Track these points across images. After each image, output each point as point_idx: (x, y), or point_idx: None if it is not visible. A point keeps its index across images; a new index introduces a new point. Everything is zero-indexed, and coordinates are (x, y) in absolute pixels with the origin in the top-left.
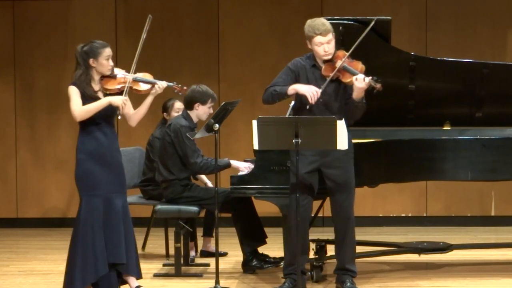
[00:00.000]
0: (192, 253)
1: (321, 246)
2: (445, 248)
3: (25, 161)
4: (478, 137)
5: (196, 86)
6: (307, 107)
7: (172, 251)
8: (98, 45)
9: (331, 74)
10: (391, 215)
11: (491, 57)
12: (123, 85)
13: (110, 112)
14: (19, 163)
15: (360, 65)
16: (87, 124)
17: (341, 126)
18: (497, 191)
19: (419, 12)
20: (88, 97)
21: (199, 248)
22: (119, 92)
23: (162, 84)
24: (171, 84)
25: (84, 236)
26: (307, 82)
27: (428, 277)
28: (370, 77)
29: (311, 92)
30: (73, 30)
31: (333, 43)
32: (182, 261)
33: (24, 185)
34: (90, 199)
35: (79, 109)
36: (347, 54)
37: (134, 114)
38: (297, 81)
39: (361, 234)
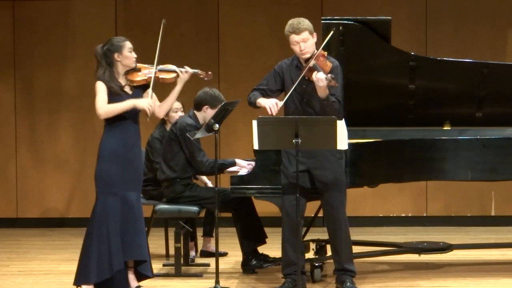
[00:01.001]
0: (192, 253)
1: (321, 246)
2: (445, 248)
3: (25, 161)
4: (478, 137)
5: (209, 89)
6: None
7: (172, 251)
8: (119, 39)
9: (302, 74)
10: (391, 215)
11: (491, 57)
12: (149, 76)
13: (136, 109)
14: (19, 163)
15: (328, 65)
16: (113, 121)
17: (341, 126)
18: (497, 191)
19: (419, 12)
20: (114, 93)
21: (199, 248)
22: (146, 84)
23: (188, 70)
24: (196, 70)
25: (99, 232)
26: (291, 82)
27: (428, 277)
28: (329, 75)
29: (270, 104)
30: (73, 30)
31: (310, 41)
32: (182, 261)
33: (24, 185)
34: (106, 197)
35: (104, 107)
36: (317, 51)
37: (162, 104)
38: (282, 82)
39: (361, 234)
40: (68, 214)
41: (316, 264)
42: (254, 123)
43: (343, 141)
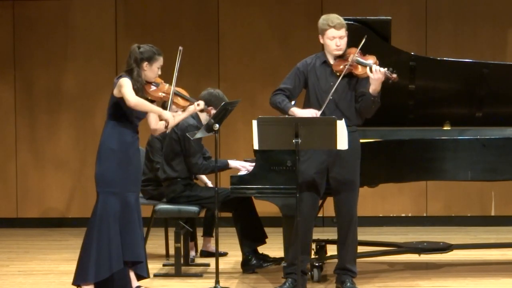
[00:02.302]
0: (192, 253)
1: (321, 246)
2: (445, 248)
3: (25, 161)
4: (478, 137)
5: (213, 90)
6: None
7: (172, 251)
8: (155, 51)
9: (344, 68)
10: (391, 215)
11: (491, 57)
12: (165, 94)
13: (143, 114)
14: (19, 163)
15: (374, 58)
16: (118, 121)
17: (341, 126)
18: (497, 191)
19: (419, 12)
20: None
21: (199, 248)
22: (160, 101)
23: (201, 104)
24: (206, 106)
25: (99, 231)
26: (317, 80)
27: (428, 277)
28: (386, 68)
29: (310, 115)
30: (73, 30)
31: (345, 40)
32: (182, 261)
33: (24, 185)
34: (107, 196)
35: (136, 97)
36: (358, 48)
37: (160, 124)
38: (305, 81)
39: (361, 234)
40: (68, 214)
41: (316, 264)
42: (254, 123)
43: (343, 141)
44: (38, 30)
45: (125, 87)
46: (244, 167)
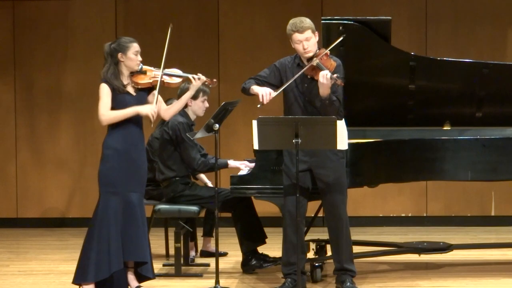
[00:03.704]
0: (192, 253)
1: (321, 246)
2: (445, 248)
3: (25, 161)
4: (478, 137)
5: (184, 84)
6: (258, 105)
7: (172, 251)
8: (126, 40)
9: (303, 70)
10: (391, 215)
11: (491, 57)
12: (154, 79)
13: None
14: (19, 163)
15: (331, 63)
16: (117, 122)
17: (341, 126)
18: (497, 191)
19: (419, 12)
20: (117, 91)
21: (199, 248)
22: (151, 87)
23: (201, 77)
24: (204, 78)
25: (100, 231)
26: (293, 81)
27: (428, 277)
28: (335, 74)
29: (263, 92)
30: (73, 30)
31: (313, 40)
32: (182, 261)
33: (24, 185)
34: (109, 196)
35: (106, 114)
36: (326, 51)
37: (170, 108)
38: (281, 78)
39: (361, 234)
40: (68, 214)
41: (316, 264)
42: (254, 123)
43: (343, 141)
44: (38, 30)
45: (100, 101)
46: (243, 164)
